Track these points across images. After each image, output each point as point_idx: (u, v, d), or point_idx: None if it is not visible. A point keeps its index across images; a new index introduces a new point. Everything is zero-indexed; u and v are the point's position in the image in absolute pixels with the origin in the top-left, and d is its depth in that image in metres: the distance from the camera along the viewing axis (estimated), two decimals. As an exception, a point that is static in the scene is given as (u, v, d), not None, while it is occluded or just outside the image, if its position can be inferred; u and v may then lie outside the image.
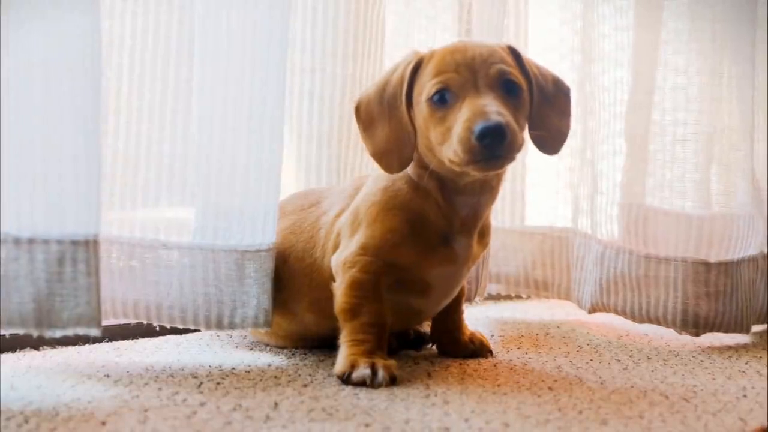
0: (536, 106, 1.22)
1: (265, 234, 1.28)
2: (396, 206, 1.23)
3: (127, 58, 1.28)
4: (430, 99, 1.16)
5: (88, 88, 1.10)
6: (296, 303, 1.31)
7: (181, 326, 1.29)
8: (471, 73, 1.15)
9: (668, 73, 1.59)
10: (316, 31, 1.49)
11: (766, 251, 1.65)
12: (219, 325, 1.28)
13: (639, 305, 1.56)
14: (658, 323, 1.56)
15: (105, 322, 1.38)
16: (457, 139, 1.11)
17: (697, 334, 1.54)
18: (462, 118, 1.12)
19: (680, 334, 1.56)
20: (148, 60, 1.29)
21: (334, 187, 1.43)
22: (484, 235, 1.30)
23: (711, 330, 1.53)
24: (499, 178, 1.25)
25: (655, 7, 1.59)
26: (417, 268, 1.23)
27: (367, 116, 1.24)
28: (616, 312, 1.59)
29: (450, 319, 1.36)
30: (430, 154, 1.19)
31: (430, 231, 1.22)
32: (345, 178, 1.54)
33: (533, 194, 1.82)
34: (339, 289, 1.23)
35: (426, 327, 1.44)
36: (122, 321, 1.35)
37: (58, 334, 1.09)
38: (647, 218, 1.59)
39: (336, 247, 1.26)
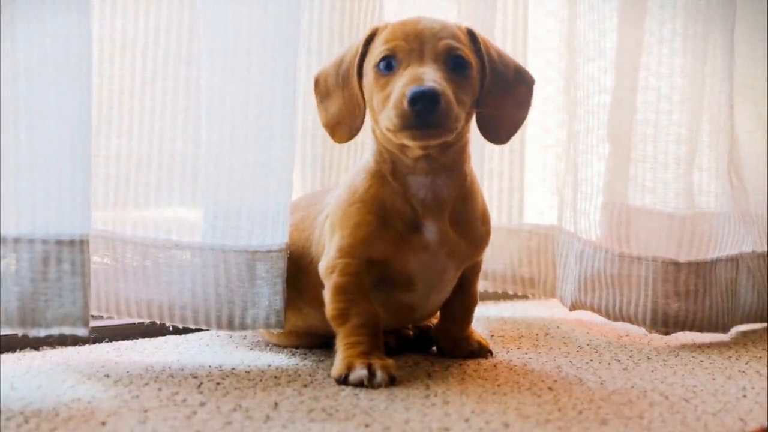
0: (488, 89, 1.22)
1: (275, 234, 1.28)
2: (357, 200, 1.23)
3: (140, 57, 1.29)
4: (377, 65, 1.18)
5: (76, 87, 1.11)
6: (300, 298, 1.31)
7: (193, 326, 1.30)
8: (419, 43, 1.17)
9: (651, 74, 1.59)
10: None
11: (757, 250, 1.66)
12: (230, 326, 1.28)
13: (613, 303, 1.57)
14: (630, 321, 1.56)
15: (106, 322, 1.39)
16: (392, 104, 1.13)
17: (666, 333, 1.55)
18: (399, 84, 1.13)
19: (650, 332, 1.57)
20: (160, 58, 1.29)
21: (336, 186, 1.43)
22: (470, 228, 1.26)
23: (682, 329, 1.54)
24: (455, 158, 1.23)
25: (639, 8, 1.59)
26: (393, 259, 1.22)
27: (324, 88, 1.27)
28: (593, 310, 1.60)
29: (454, 319, 1.36)
30: (377, 126, 1.20)
31: (395, 218, 1.22)
32: (331, 175, 1.55)
33: (523, 192, 1.81)
34: (326, 296, 1.23)
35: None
36: (134, 321, 1.36)
37: (43, 333, 1.10)
38: (628, 217, 1.59)
39: (323, 249, 1.27)
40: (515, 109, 1.27)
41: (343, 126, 1.24)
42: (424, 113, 1.10)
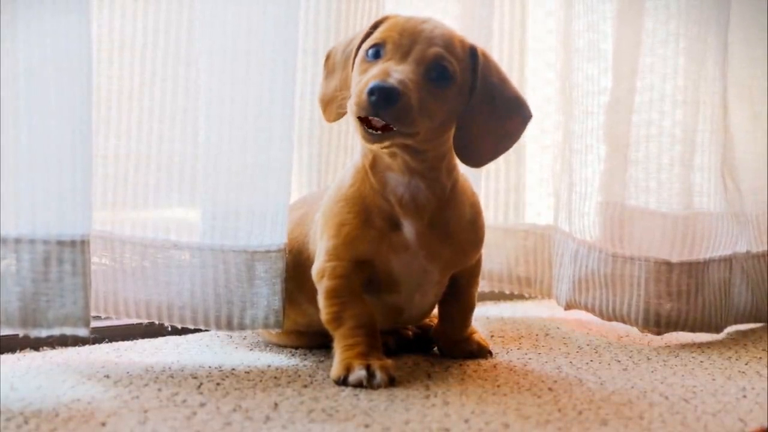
0: (474, 110, 1.20)
1: (274, 234, 1.28)
2: (341, 198, 1.24)
3: (138, 57, 1.28)
4: (366, 51, 1.18)
5: (76, 87, 1.11)
6: (299, 293, 1.31)
7: (192, 326, 1.30)
8: (410, 42, 1.16)
9: (647, 74, 1.59)
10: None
11: (752, 251, 1.66)
12: (229, 326, 1.28)
13: (607, 303, 1.58)
14: (623, 321, 1.57)
15: (106, 323, 1.39)
16: (356, 91, 1.13)
17: (659, 333, 1.56)
18: (370, 73, 1.14)
19: (642, 332, 1.58)
20: (159, 59, 1.29)
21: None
22: (454, 236, 1.25)
23: (674, 329, 1.55)
24: (431, 167, 1.21)
25: (636, 10, 1.59)
26: (376, 258, 1.22)
27: (331, 65, 1.28)
28: (587, 309, 1.61)
29: (452, 321, 1.36)
30: None
31: (376, 215, 1.22)
32: (326, 176, 1.55)
33: (520, 192, 1.81)
34: (320, 301, 1.23)
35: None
36: (132, 321, 1.37)
37: (44, 333, 1.10)
38: (622, 217, 1.60)
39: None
40: (500, 138, 1.25)
41: (333, 105, 1.25)
42: (376, 106, 1.10)
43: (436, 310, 1.38)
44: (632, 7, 1.60)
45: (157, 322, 1.30)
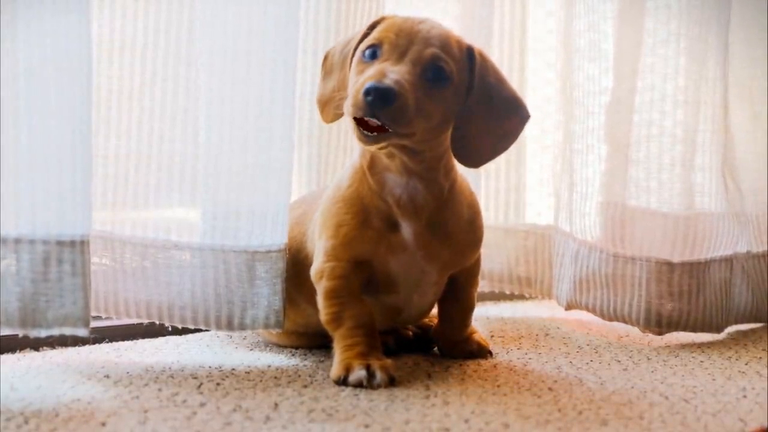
0: (471, 111, 1.20)
1: (275, 234, 1.28)
2: (340, 198, 1.24)
3: (139, 57, 1.28)
4: (363, 51, 1.18)
5: (76, 87, 1.11)
6: (298, 293, 1.31)
7: (192, 326, 1.30)
8: (407, 42, 1.16)
9: (648, 74, 1.59)
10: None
11: (752, 251, 1.66)
12: (230, 326, 1.28)
13: (608, 303, 1.58)
14: (624, 321, 1.57)
15: (106, 323, 1.39)
16: (352, 91, 1.13)
17: (660, 333, 1.56)
18: (367, 74, 1.13)
19: (644, 332, 1.58)
20: (159, 59, 1.29)
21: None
22: (452, 236, 1.25)
23: (675, 329, 1.55)
24: (429, 167, 1.21)
25: (637, 10, 1.59)
26: (375, 258, 1.22)
27: (329, 65, 1.27)
28: (588, 309, 1.61)
29: (451, 321, 1.36)
30: None
31: (374, 215, 1.22)
32: (326, 176, 1.55)
33: (521, 192, 1.81)
34: (319, 301, 1.23)
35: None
36: (132, 321, 1.37)
37: (44, 333, 1.10)
38: (623, 218, 1.60)
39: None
40: (498, 138, 1.25)
41: (331, 105, 1.25)
42: (373, 106, 1.09)
43: (436, 310, 1.38)
44: (633, 7, 1.60)
45: (157, 323, 1.30)
